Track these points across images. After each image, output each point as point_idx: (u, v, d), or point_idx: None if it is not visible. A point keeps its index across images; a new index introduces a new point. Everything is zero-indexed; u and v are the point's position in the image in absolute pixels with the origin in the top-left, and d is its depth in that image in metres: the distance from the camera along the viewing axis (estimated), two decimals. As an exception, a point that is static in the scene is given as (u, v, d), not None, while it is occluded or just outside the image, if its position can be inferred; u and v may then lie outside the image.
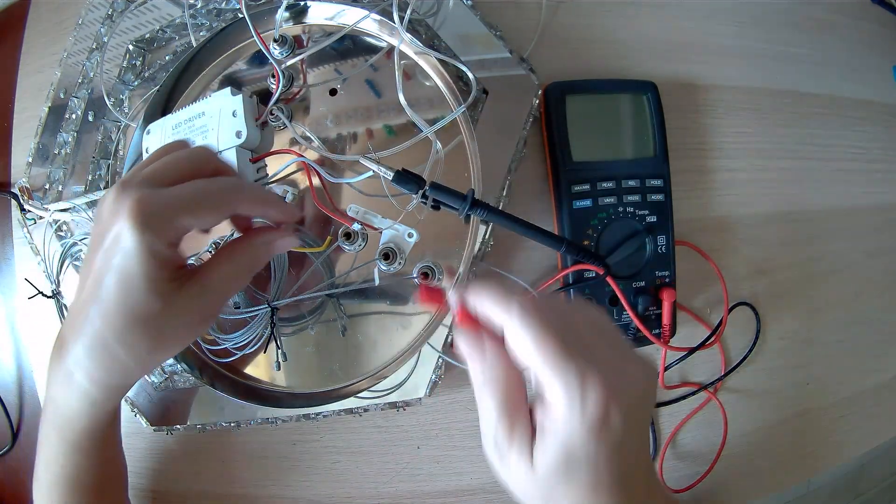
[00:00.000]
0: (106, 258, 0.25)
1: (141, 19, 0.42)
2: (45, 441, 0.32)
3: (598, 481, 0.22)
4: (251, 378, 0.41)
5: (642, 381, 0.24)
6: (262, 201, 0.29)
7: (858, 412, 0.48)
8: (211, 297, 0.27)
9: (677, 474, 0.44)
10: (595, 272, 0.39)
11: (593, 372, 0.22)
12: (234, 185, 0.28)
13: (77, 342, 0.27)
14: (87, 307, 0.26)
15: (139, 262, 0.24)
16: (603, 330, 0.25)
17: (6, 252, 0.47)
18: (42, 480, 0.33)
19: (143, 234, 0.24)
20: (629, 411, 0.22)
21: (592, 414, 0.21)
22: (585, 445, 0.22)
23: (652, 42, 0.45)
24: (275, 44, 0.39)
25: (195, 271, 0.27)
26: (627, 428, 0.22)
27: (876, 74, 0.51)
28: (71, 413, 0.30)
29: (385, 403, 0.38)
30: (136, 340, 0.26)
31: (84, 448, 0.32)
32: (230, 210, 0.27)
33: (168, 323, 0.26)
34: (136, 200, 0.24)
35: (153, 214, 0.24)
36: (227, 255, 0.28)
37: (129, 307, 0.25)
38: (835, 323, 0.48)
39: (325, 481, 0.42)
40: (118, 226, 0.24)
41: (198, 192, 0.26)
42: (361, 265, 0.39)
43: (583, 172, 0.40)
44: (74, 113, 0.43)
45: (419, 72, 0.40)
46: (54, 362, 0.28)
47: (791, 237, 0.47)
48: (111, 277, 0.25)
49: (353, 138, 0.40)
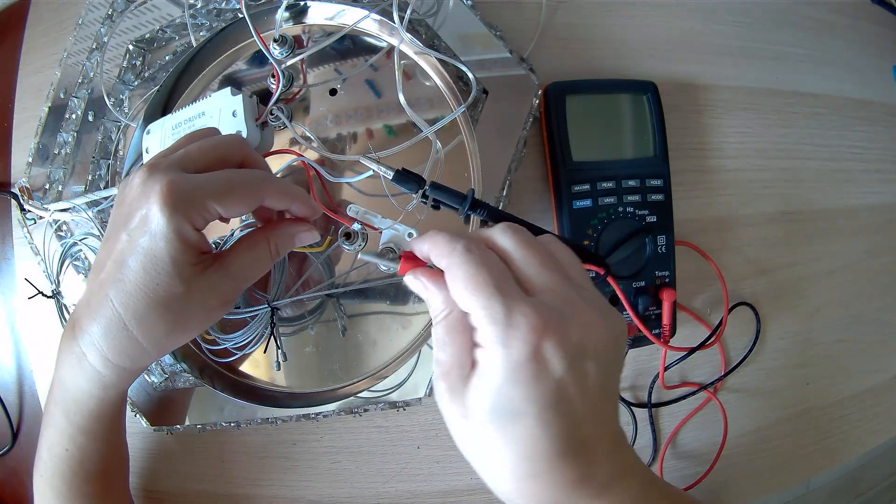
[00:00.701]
0: (131, 239, 0.25)
1: (141, 19, 0.42)
2: (50, 423, 0.32)
3: (535, 435, 0.20)
4: (251, 378, 0.41)
5: (602, 330, 0.21)
6: (289, 195, 0.28)
7: (858, 412, 0.48)
8: (231, 282, 0.28)
9: (677, 474, 0.44)
10: (595, 272, 0.39)
11: (523, 307, 0.20)
12: (263, 176, 0.28)
13: (93, 323, 0.27)
14: (105, 288, 0.26)
15: (167, 245, 0.25)
16: (564, 274, 0.22)
17: (6, 252, 0.47)
18: (44, 466, 0.33)
19: (174, 216, 0.24)
20: (577, 358, 0.20)
21: (518, 351, 0.19)
22: (511, 387, 0.20)
23: (652, 42, 0.45)
24: (275, 44, 0.39)
25: (217, 257, 0.28)
26: (576, 379, 0.20)
27: (876, 74, 0.51)
28: (80, 394, 0.30)
29: (385, 403, 0.38)
30: (155, 323, 0.26)
31: (90, 431, 0.31)
32: (258, 201, 0.27)
33: (188, 307, 0.26)
34: (168, 183, 0.24)
35: (183, 198, 0.25)
36: (249, 242, 0.29)
37: (152, 289, 0.25)
38: (835, 323, 0.48)
39: (325, 481, 0.42)
40: (147, 208, 0.25)
41: (228, 180, 0.26)
42: (361, 265, 0.39)
43: (583, 172, 0.40)
44: (74, 113, 0.43)
45: (419, 72, 0.40)
46: (65, 342, 0.28)
47: (791, 237, 0.47)
48: (135, 259, 0.25)
49: (353, 138, 0.40)
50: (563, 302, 0.21)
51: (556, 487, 0.21)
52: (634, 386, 0.44)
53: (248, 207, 0.27)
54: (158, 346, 0.28)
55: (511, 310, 0.20)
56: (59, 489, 0.33)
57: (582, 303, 0.21)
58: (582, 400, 0.20)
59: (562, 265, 0.23)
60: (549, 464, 0.20)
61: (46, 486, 0.33)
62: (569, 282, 0.22)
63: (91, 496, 0.34)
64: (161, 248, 0.25)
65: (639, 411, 0.44)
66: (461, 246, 0.22)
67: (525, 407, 0.20)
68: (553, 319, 0.20)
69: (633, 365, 0.44)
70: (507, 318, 0.20)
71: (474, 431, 0.21)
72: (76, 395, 0.30)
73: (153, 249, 0.25)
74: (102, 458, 0.33)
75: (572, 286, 0.22)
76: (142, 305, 0.25)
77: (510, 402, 0.20)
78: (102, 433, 0.32)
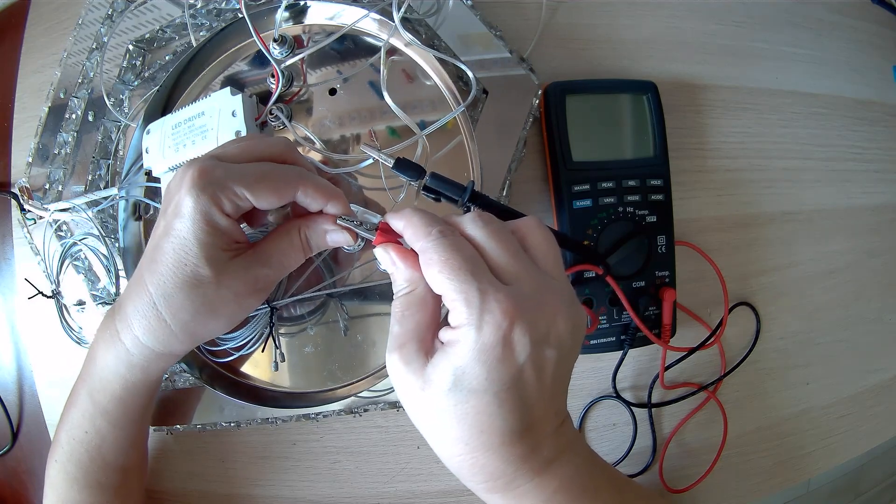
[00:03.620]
0: (166, 224, 0.26)
1: (141, 19, 0.42)
2: (74, 401, 0.32)
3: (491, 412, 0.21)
4: (251, 378, 0.41)
5: (566, 321, 0.22)
6: (325, 193, 0.28)
7: (858, 412, 0.48)
8: (263, 270, 0.28)
9: (677, 474, 0.44)
10: (595, 272, 0.39)
11: (498, 293, 0.21)
12: (299, 171, 0.28)
13: (129, 302, 0.28)
14: (142, 270, 0.27)
15: (193, 226, 0.25)
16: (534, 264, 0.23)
17: (6, 252, 0.47)
18: (61, 451, 0.33)
19: (200, 198, 0.25)
20: (540, 346, 0.22)
21: (489, 335, 0.21)
22: (477, 367, 0.21)
23: (652, 42, 0.45)
24: (275, 44, 0.39)
25: (251, 246, 0.28)
26: (536, 365, 0.22)
27: (876, 74, 0.51)
28: (107, 373, 0.30)
29: (385, 403, 0.38)
30: (182, 304, 0.27)
31: (112, 415, 0.32)
32: (291, 193, 0.27)
33: (217, 292, 0.27)
34: (199, 168, 0.25)
35: (211, 181, 0.25)
36: (285, 231, 0.29)
37: (180, 269, 0.26)
38: (835, 323, 0.48)
39: (325, 481, 0.42)
40: (180, 194, 0.26)
41: (261, 168, 0.27)
42: (362, 265, 0.39)
43: (583, 172, 0.40)
44: (74, 113, 0.43)
45: (419, 72, 0.40)
46: (104, 322, 0.29)
47: (791, 237, 0.47)
48: (168, 241, 0.26)
49: (353, 138, 0.40)
50: (534, 290, 0.22)
51: (504, 460, 0.22)
52: (634, 386, 0.44)
53: (280, 198, 0.27)
54: (186, 331, 0.28)
55: (486, 294, 0.21)
56: (73, 475, 0.33)
57: (550, 294, 0.23)
58: (538, 384, 0.22)
59: (534, 254, 0.24)
60: (501, 438, 0.22)
61: (60, 472, 0.33)
62: (538, 272, 0.23)
63: (105, 487, 0.34)
64: (188, 228, 0.25)
65: (639, 411, 0.44)
66: (436, 231, 0.23)
67: (486, 386, 0.21)
68: (524, 307, 0.21)
69: (633, 365, 0.44)
70: (482, 303, 0.21)
71: (431, 403, 0.22)
72: (103, 373, 0.30)
73: (181, 231, 0.26)
74: (122, 451, 0.33)
75: (541, 276, 0.23)
76: (170, 286, 0.26)
77: (473, 380, 0.21)
78: (124, 422, 0.32)
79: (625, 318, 0.40)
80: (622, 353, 0.41)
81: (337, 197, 0.29)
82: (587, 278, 0.40)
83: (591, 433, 0.44)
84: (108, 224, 0.41)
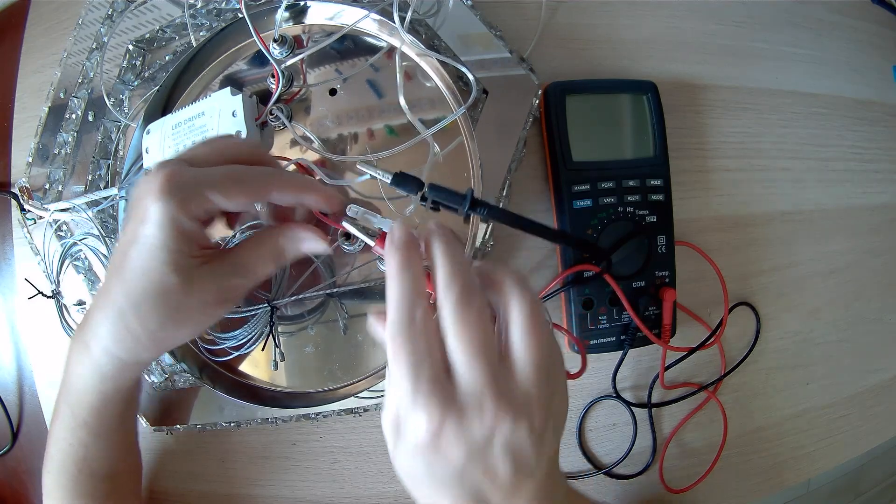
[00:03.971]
0: (133, 230, 0.26)
1: (141, 19, 0.42)
2: (57, 416, 0.32)
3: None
4: (251, 378, 0.41)
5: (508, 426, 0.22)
6: (298, 186, 0.28)
7: (858, 412, 0.48)
8: (232, 280, 0.27)
9: (677, 474, 0.44)
10: (594, 271, 0.39)
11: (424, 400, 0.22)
12: (269, 170, 0.28)
13: (97, 312, 0.27)
14: (109, 279, 0.27)
15: (159, 232, 0.25)
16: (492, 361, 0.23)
17: (6, 252, 0.47)
18: (52, 462, 0.33)
19: (166, 203, 0.24)
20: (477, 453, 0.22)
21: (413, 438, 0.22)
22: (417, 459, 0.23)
23: (652, 42, 0.45)
24: (275, 44, 0.39)
25: (221, 252, 0.27)
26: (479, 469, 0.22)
27: (876, 74, 0.51)
28: (83, 385, 0.30)
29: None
30: (149, 312, 0.26)
31: (90, 426, 0.31)
32: (262, 192, 0.27)
33: (184, 300, 0.26)
34: (166, 173, 0.25)
35: (179, 186, 0.25)
36: (255, 240, 0.29)
37: (147, 277, 0.25)
38: (835, 323, 0.48)
39: (325, 481, 0.42)
40: (147, 199, 0.25)
41: (230, 170, 0.26)
42: (362, 265, 0.39)
43: (583, 172, 0.40)
44: (74, 113, 0.43)
45: (419, 72, 0.40)
46: (76, 335, 0.29)
47: (791, 237, 0.47)
48: (135, 248, 0.25)
49: (353, 138, 0.40)
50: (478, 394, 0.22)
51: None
52: (634, 386, 0.44)
53: (250, 198, 0.27)
54: (154, 339, 0.27)
55: (415, 399, 0.22)
56: (65, 486, 0.33)
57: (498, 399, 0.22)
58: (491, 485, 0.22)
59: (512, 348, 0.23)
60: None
61: (54, 483, 0.33)
62: (492, 372, 0.22)
63: (96, 497, 0.34)
64: (154, 234, 0.25)
65: (639, 411, 0.44)
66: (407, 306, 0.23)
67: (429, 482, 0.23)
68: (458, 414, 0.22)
69: (634, 365, 0.44)
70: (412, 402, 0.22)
71: (400, 461, 0.24)
72: (79, 386, 0.30)
73: (148, 237, 0.25)
74: (108, 460, 0.33)
75: (495, 376, 0.22)
76: (137, 293, 0.26)
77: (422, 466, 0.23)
78: (104, 431, 0.32)
79: (625, 318, 0.40)
80: (622, 353, 0.41)
81: (314, 189, 0.28)
82: (587, 278, 0.40)
83: (591, 433, 0.44)
84: (108, 224, 0.41)
